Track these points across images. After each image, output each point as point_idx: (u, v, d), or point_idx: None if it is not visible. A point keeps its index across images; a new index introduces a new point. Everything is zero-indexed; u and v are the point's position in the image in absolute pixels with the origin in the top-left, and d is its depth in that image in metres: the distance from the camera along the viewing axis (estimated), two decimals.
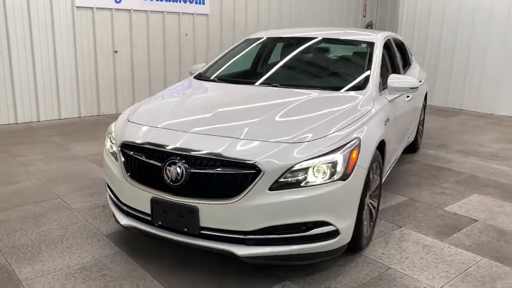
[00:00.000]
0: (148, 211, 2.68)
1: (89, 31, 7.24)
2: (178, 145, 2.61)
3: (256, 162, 2.44)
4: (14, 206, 3.69)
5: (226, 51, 4.40)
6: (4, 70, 6.52)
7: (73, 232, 3.26)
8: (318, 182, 2.51)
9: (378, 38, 4.07)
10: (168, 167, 2.57)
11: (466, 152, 5.78)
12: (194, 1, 8.41)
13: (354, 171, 2.63)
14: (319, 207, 2.52)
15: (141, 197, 2.70)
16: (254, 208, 2.45)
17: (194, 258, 2.90)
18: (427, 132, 6.84)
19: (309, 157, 2.50)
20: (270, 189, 2.45)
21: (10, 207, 3.68)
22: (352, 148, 2.66)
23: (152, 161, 2.65)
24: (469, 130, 7.15)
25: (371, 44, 3.97)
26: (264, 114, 2.91)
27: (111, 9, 7.41)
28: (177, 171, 2.54)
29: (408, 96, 4.28)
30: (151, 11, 7.87)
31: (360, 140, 2.74)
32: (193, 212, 2.52)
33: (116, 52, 7.59)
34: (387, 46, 4.38)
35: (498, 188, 4.46)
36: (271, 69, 4.02)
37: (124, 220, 2.87)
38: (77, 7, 7.05)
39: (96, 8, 7.24)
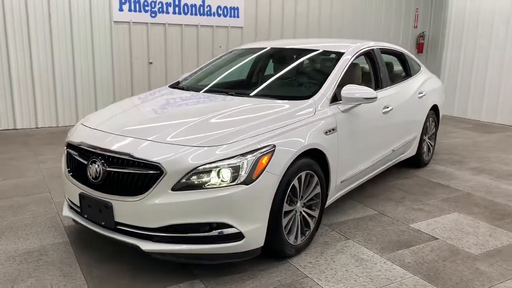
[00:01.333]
0: (79, 204, 2.96)
1: (125, 44, 7.86)
2: (100, 145, 2.86)
3: (159, 163, 2.61)
4: (6, 197, 4.18)
5: (210, 60, 4.62)
6: (48, 80, 7.30)
7: (40, 222, 3.64)
8: (220, 185, 2.61)
9: (350, 49, 4.04)
10: (90, 165, 2.83)
11: (480, 170, 5.41)
12: (229, 15, 8.74)
13: (261, 176, 2.69)
14: (220, 209, 2.61)
15: (75, 191, 2.99)
16: (157, 206, 2.61)
17: (125, 251, 3.12)
18: (451, 148, 6.48)
19: (212, 161, 2.62)
20: (173, 189, 2.60)
21: (4, 197, 4.17)
22: (262, 154, 2.73)
23: (81, 159, 2.94)
24: (505, 148, 6.64)
25: (339, 55, 3.95)
26: (197, 119, 3.06)
27: (147, 23, 7.97)
28: (96, 169, 2.79)
29: (387, 107, 4.17)
30: (185, 24, 8.33)
31: (275, 147, 2.79)
32: (109, 207, 2.74)
33: (151, 63, 8.13)
34: (370, 56, 4.33)
35: (488, 208, 4.16)
36: (236, 78, 4.16)
37: (65, 212, 3.18)
38: (114, 21, 7.69)
39: (133, 22, 7.84)
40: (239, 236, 2.69)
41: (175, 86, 4.17)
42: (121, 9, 7.71)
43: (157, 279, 2.80)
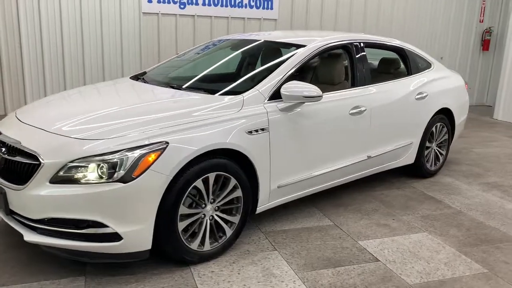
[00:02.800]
0: None
1: (154, 35, 7.98)
2: (6, 133, 2.86)
3: (36, 153, 2.55)
4: None
5: (183, 52, 4.49)
6: (78, 70, 7.64)
7: None
8: (95, 181, 2.49)
9: (314, 43, 3.67)
10: None
11: (494, 186, 4.69)
12: (262, 6, 8.51)
13: (144, 175, 2.52)
14: (93, 207, 2.49)
15: None
16: (36, 198, 2.55)
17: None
18: (480, 158, 5.72)
19: (86, 155, 2.50)
20: (51, 181, 2.53)
21: None
22: (150, 150, 2.55)
23: None
24: None
25: (298, 48, 3.61)
26: (105, 110, 2.95)
27: (175, 14, 8.02)
28: (0, 156, 2.80)
29: (358, 108, 3.74)
30: (215, 16, 8.25)
31: (167, 144, 2.59)
32: (3, 194, 2.74)
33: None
34: (348, 51, 3.92)
35: (469, 231, 3.57)
36: (190, 71, 3.98)
37: None
38: (143, 13, 7.83)
39: (161, 14, 7.93)
40: (115, 236, 2.54)
41: (137, 76, 4.07)
42: (150, 1, 7.82)
43: (45, 271, 2.75)
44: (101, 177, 2.49)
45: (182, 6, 8.01)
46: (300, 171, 3.43)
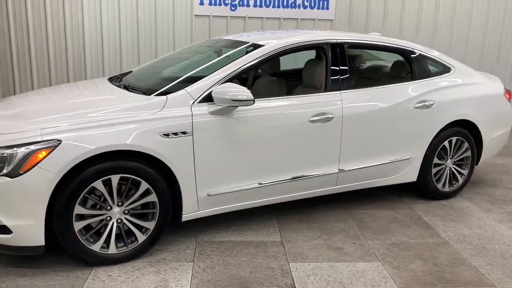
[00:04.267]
0: None
1: (205, 37, 8.12)
2: None
3: None
4: None
5: (175, 51, 4.48)
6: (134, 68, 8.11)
7: None
8: None
9: (273, 43, 3.38)
10: None
11: None
12: (316, 6, 8.16)
13: (31, 171, 2.55)
14: None
15: None
16: None
17: None
18: None
19: None
20: None
21: None
22: (41, 147, 2.58)
23: None
24: None
25: (257, 48, 3.36)
26: (35, 106, 3.07)
27: (226, 16, 8.08)
28: None
29: (323, 115, 3.36)
30: (266, 17, 8.13)
31: (59, 142, 2.60)
32: None
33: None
34: (323, 52, 3.57)
35: (437, 267, 2.99)
36: (159, 72, 3.92)
37: None
38: (195, 15, 8.02)
39: (213, 16, 8.05)
40: (5, 229, 2.60)
41: (113, 77, 4.08)
42: (201, 3, 7.98)
43: None
44: None
45: (233, 8, 8.03)
46: (239, 180, 3.18)
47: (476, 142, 4.27)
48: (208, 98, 3.03)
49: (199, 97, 3.03)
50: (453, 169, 4.20)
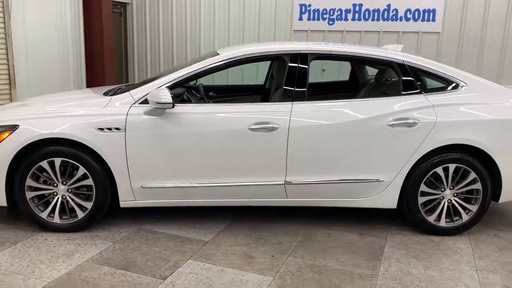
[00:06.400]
0: None
1: None
2: None
3: None
4: None
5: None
6: (238, 80, 8.83)
7: None
8: None
9: (229, 53, 3.57)
10: None
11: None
12: (421, 18, 7.56)
13: None
14: None
15: None
16: None
17: None
18: None
19: None
20: None
21: None
22: (4, 130, 3.35)
23: None
24: None
25: (214, 56, 3.61)
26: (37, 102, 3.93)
27: (324, 31, 8.15)
28: None
29: (266, 124, 3.37)
30: (365, 31, 7.91)
31: (17, 127, 3.33)
32: None
33: (323, 70, 8.26)
34: (283, 62, 3.62)
35: None
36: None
37: None
38: (294, 30, 8.32)
39: (310, 30, 8.22)
40: None
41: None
42: (300, 19, 8.24)
43: None
44: None
45: (330, 22, 8.07)
46: (172, 178, 3.45)
47: (493, 174, 3.56)
48: (147, 101, 3.40)
49: (139, 99, 3.42)
50: (454, 202, 3.59)
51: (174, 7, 8.67)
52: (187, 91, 4.03)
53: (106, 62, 7.90)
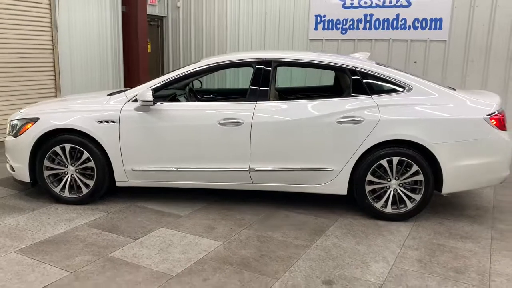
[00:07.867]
0: None
1: None
2: None
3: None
4: None
5: None
6: None
7: None
8: (8, 134, 4.45)
9: (207, 60, 4.30)
10: None
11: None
12: (428, 27, 7.89)
13: (23, 134, 4.28)
14: (4, 149, 4.46)
15: None
16: None
17: None
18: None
19: (11, 119, 4.47)
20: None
21: None
22: (28, 121, 4.28)
23: None
24: None
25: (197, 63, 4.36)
26: (63, 100, 4.85)
27: (337, 40, 8.68)
28: None
29: (232, 120, 4.05)
30: (375, 39, 8.35)
31: (38, 119, 4.26)
32: None
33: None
34: (250, 67, 4.31)
35: (263, 257, 3.38)
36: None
37: None
38: (310, 39, 8.91)
39: (325, 39, 8.78)
40: (12, 168, 4.41)
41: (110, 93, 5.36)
42: (316, 28, 8.81)
43: None
44: (10, 133, 4.41)
45: (343, 32, 8.58)
46: (157, 162, 4.21)
47: (435, 168, 4.01)
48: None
49: (131, 98, 4.23)
50: (399, 191, 4.07)
51: (204, 19, 9.57)
52: (189, 92, 4.84)
53: (140, 71, 8.94)
